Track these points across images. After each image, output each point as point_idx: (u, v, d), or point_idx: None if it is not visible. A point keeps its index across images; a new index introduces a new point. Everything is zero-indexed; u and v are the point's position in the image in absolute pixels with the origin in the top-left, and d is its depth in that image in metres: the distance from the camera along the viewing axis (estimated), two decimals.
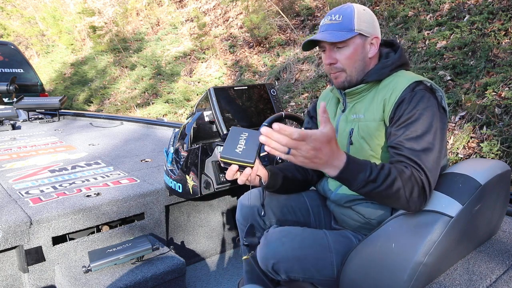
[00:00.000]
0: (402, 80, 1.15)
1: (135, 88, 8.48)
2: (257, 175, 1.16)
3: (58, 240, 1.65)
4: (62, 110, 4.19)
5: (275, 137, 0.86)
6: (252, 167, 1.07)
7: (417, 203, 1.02)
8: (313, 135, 0.86)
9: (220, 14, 8.80)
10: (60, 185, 1.95)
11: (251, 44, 7.67)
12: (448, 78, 4.15)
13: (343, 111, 1.28)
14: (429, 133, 1.06)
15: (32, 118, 3.94)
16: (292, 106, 5.58)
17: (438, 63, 4.38)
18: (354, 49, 1.17)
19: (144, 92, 8.21)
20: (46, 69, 11.43)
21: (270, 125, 1.73)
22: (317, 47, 1.24)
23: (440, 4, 5.14)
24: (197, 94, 7.31)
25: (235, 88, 1.92)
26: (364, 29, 1.18)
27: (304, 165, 0.91)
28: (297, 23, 7.22)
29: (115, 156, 2.54)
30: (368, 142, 1.17)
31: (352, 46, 1.17)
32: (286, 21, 7.11)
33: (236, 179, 1.11)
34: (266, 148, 0.89)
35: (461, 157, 3.45)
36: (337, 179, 0.98)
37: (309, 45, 1.24)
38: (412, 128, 1.07)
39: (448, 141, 3.61)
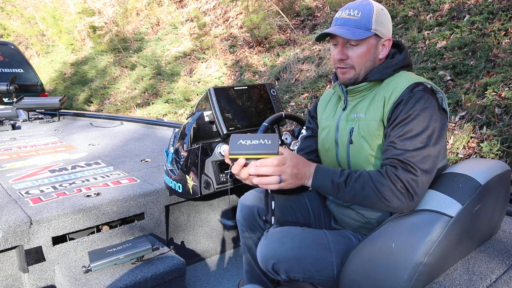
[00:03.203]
0: (402, 81, 1.14)
1: (135, 88, 8.48)
2: None
3: (58, 240, 1.65)
4: (62, 110, 4.18)
5: (263, 170, 0.99)
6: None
7: (402, 202, 1.02)
8: (289, 154, 1.01)
9: (220, 14, 8.80)
10: (60, 185, 1.95)
11: (251, 44, 7.67)
12: (448, 78, 4.15)
13: (344, 109, 1.27)
14: (424, 133, 1.06)
15: (32, 118, 3.94)
16: (292, 106, 5.59)
17: (438, 63, 4.38)
18: (368, 49, 1.16)
19: (144, 92, 8.21)
20: (46, 69, 11.43)
21: (270, 125, 1.73)
22: (328, 38, 1.21)
23: (440, 4, 5.14)
24: (197, 94, 7.31)
25: (235, 88, 1.92)
26: (380, 29, 1.16)
27: (294, 185, 1.05)
28: (297, 23, 7.22)
29: (115, 156, 2.54)
30: (368, 142, 1.17)
31: (366, 45, 1.16)
32: (286, 21, 7.11)
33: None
34: (258, 183, 1.01)
35: (461, 157, 3.45)
36: (316, 189, 1.10)
37: (322, 36, 1.21)
38: (406, 129, 1.07)
39: (448, 141, 3.61)
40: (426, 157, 1.04)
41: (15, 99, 3.90)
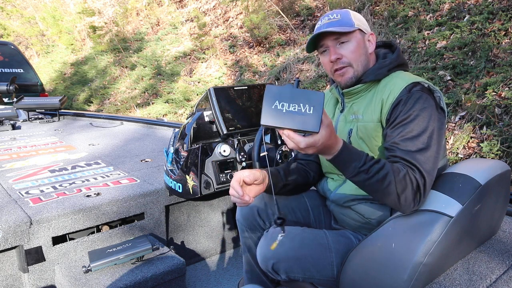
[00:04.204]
0: (400, 81, 1.15)
1: (135, 88, 8.48)
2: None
3: (58, 240, 1.65)
4: (62, 110, 4.19)
5: (293, 143, 0.93)
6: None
7: (410, 202, 1.02)
8: (319, 141, 0.91)
9: (220, 14, 8.80)
10: (60, 185, 1.95)
11: (251, 44, 7.67)
12: (448, 78, 4.15)
13: (342, 111, 1.28)
14: (425, 133, 1.06)
15: (32, 118, 3.94)
16: None
17: (438, 63, 4.38)
18: (357, 43, 1.19)
19: (144, 92, 8.21)
20: (46, 69, 11.42)
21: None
22: (317, 49, 1.25)
23: (440, 4, 5.14)
24: (197, 94, 7.31)
25: (235, 88, 1.92)
26: (362, 25, 1.21)
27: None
28: (297, 23, 7.21)
29: (115, 156, 2.54)
30: (367, 143, 1.18)
31: (354, 40, 1.19)
32: (286, 21, 7.11)
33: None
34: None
35: (461, 157, 3.45)
36: (331, 163, 1.03)
37: (312, 47, 1.25)
38: (407, 129, 1.07)
39: (448, 141, 3.61)
40: (429, 158, 1.04)
41: (15, 99, 3.90)
